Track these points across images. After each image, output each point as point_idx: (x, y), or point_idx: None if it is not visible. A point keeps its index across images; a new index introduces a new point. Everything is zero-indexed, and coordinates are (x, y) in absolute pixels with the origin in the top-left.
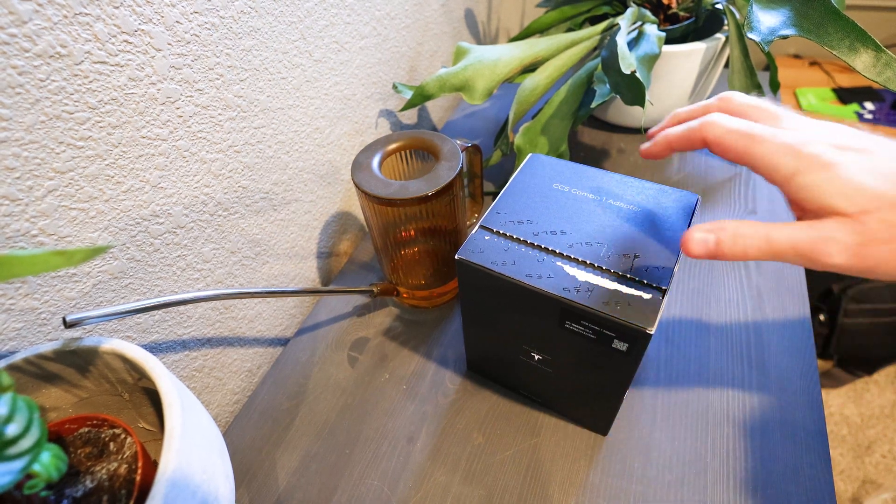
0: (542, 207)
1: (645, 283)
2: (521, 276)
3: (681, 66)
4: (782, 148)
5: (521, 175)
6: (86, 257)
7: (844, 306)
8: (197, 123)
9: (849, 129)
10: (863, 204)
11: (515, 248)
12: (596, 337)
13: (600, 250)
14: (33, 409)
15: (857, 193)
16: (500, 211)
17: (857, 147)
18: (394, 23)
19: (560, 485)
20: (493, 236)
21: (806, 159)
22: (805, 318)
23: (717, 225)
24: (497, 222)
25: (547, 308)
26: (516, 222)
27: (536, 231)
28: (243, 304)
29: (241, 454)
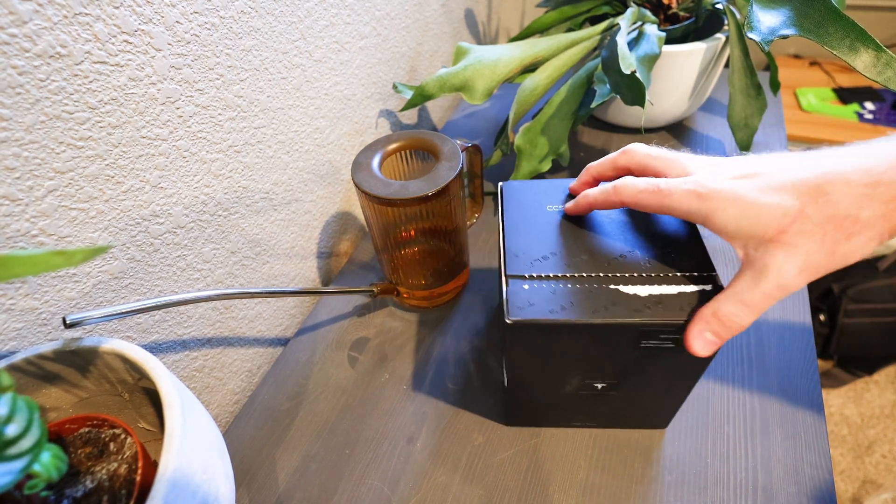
0: (553, 235)
1: (696, 276)
2: (589, 315)
3: (681, 66)
4: (688, 195)
5: (508, 208)
6: (86, 257)
7: (844, 306)
8: (197, 123)
9: (739, 159)
10: (776, 225)
11: (561, 287)
12: (675, 345)
13: (638, 259)
14: (33, 410)
15: (767, 217)
16: (517, 253)
17: (749, 173)
18: (394, 23)
19: (560, 485)
20: (531, 283)
21: (710, 200)
22: (805, 318)
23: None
24: (523, 267)
25: (623, 336)
26: (541, 259)
27: (567, 262)
28: (243, 304)
29: (241, 454)
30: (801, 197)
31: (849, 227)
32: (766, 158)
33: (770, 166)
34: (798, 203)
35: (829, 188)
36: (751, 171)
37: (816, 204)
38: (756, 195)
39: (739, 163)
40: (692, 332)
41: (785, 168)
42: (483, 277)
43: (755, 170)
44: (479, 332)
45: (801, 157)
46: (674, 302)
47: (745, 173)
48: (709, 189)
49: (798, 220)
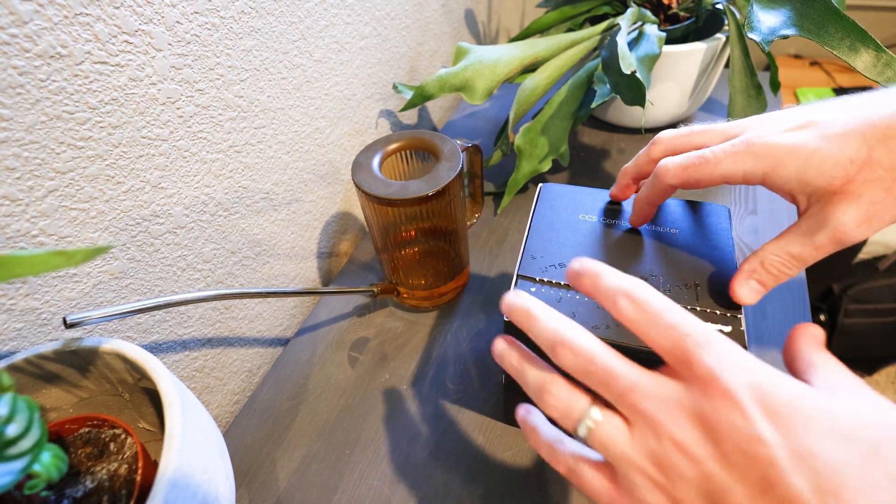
0: (578, 244)
1: (718, 314)
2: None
3: (681, 66)
4: (741, 156)
5: (541, 210)
6: (86, 257)
7: (844, 306)
8: (197, 123)
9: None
10: (843, 175)
11: (568, 296)
12: None
13: (659, 284)
14: (34, 410)
15: (832, 167)
16: (535, 255)
17: (804, 122)
18: (394, 23)
19: (560, 485)
20: (539, 286)
21: (766, 157)
22: (805, 318)
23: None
24: (537, 269)
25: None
26: (557, 266)
27: None
28: (243, 305)
29: (241, 454)
30: (867, 141)
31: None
32: (820, 106)
33: (827, 113)
34: (865, 148)
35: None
36: (806, 120)
37: (886, 148)
38: (818, 144)
39: (791, 114)
40: (738, 281)
41: (845, 113)
42: (483, 277)
43: (811, 118)
44: (480, 332)
45: (859, 101)
46: None
47: (801, 123)
48: (763, 144)
49: (866, 166)
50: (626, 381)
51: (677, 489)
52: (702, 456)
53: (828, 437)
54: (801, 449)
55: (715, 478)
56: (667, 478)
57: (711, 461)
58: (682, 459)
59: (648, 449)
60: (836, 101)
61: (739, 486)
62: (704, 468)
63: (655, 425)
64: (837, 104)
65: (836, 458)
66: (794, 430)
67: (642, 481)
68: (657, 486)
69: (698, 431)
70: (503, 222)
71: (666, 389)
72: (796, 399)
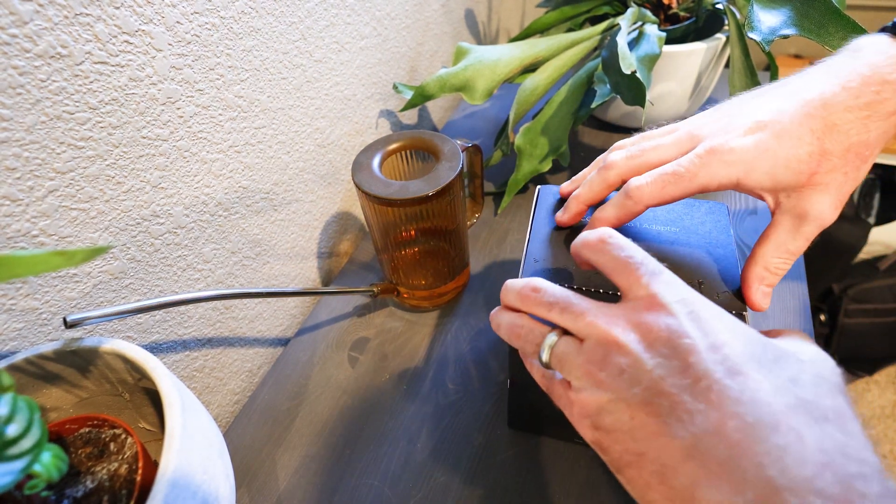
0: None
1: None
2: None
3: (681, 66)
4: (713, 167)
5: (540, 213)
6: (86, 257)
7: (845, 306)
8: (197, 124)
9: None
10: (808, 170)
11: None
12: None
13: None
14: (34, 410)
15: (797, 164)
16: (537, 258)
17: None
18: (394, 23)
19: (560, 485)
20: None
21: (737, 164)
22: (806, 318)
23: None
24: (539, 273)
25: None
26: (562, 269)
27: (586, 275)
28: (244, 305)
29: (241, 454)
30: (815, 133)
31: (863, 151)
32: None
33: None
34: (816, 141)
35: (837, 120)
36: (754, 121)
37: (832, 137)
38: (778, 146)
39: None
40: (753, 293)
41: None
42: (483, 277)
43: (757, 118)
44: (480, 333)
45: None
46: None
47: (752, 125)
48: (731, 151)
49: (823, 158)
50: (580, 307)
51: (616, 383)
52: (637, 350)
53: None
54: (716, 342)
55: (646, 365)
56: (608, 375)
57: (645, 354)
58: (621, 357)
59: (594, 355)
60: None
61: (666, 370)
62: (639, 361)
63: (601, 333)
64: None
65: (743, 352)
66: (713, 332)
67: (588, 384)
68: (601, 385)
69: (637, 334)
70: (503, 222)
71: (613, 309)
72: (719, 314)
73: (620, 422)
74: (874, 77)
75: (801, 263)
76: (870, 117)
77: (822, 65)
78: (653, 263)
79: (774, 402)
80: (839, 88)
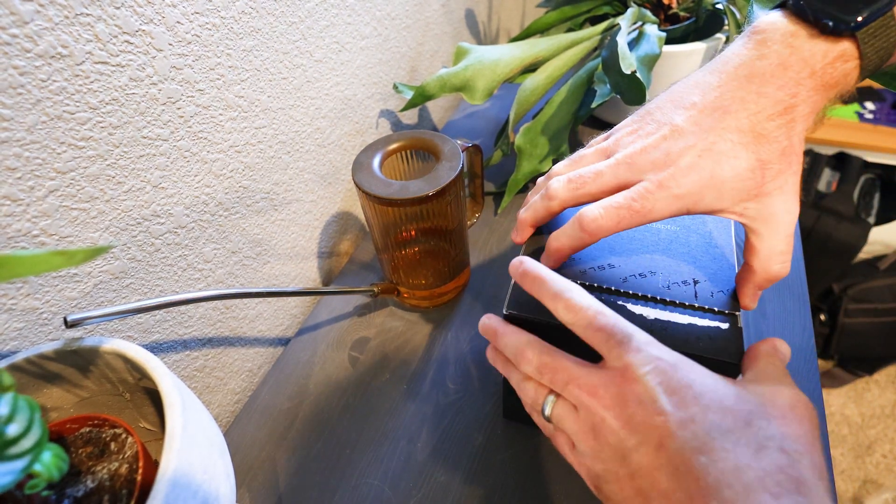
0: None
1: (717, 311)
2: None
3: (681, 66)
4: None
5: None
6: (87, 257)
7: (845, 306)
8: (198, 123)
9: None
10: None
11: None
12: None
13: (658, 281)
14: (34, 409)
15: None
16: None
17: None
18: (394, 23)
19: (561, 485)
20: None
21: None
22: (805, 317)
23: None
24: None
25: None
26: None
27: (583, 268)
28: (244, 304)
29: (242, 454)
30: (749, 149)
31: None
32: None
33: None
34: (752, 155)
35: (762, 130)
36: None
37: (764, 148)
38: (719, 169)
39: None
40: (748, 298)
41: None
42: (484, 277)
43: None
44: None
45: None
46: (678, 332)
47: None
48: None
49: (764, 168)
50: (565, 375)
51: (607, 455)
52: (618, 429)
53: (710, 409)
54: (686, 417)
55: (627, 445)
56: (601, 447)
57: (625, 433)
58: (608, 434)
59: (586, 425)
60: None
61: (644, 451)
62: (622, 441)
63: (588, 408)
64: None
65: (713, 424)
66: (683, 404)
67: (587, 450)
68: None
69: (617, 410)
70: (503, 222)
71: (594, 377)
72: (690, 380)
73: (614, 492)
74: (787, 78)
75: (801, 263)
76: (793, 121)
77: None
78: (623, 327)
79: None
80: (755, 95)
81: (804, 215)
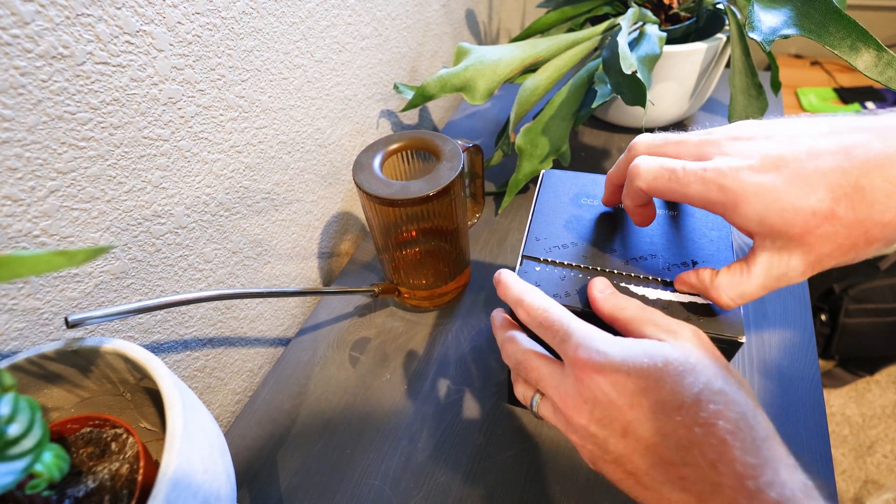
0: (580, 226)
1: None
2: (584, 305)
3: (682, 66)
4: (707, 185)
5: (544, 195)
6: (88, 257)
7: (846, 306)
8: (199, 124)
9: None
10: (802, 225)
11: (571, 275)
12: None
13: (658, 263)
14: (35, 409)
15: (793, 216)
16: (539, 237)
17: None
18: (395, 23)
19: (562, 485)
20: (543, 266)
21: (732, 192)
22: (806, 318)
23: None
24: (541, 250)
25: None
26: (561, 247)
27: (586, 253)
28: (245, 305)
29: (242, 454)
30: (833, 192)
31: (875, 231)
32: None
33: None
34: (830, 201)
35: (867, 184)
36: (777, 157)
37: (850, 202)
38: (784, 190)
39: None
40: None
41: (816, 153)
42: (484, 277)
43: (784, 154)
44: (481, 332)
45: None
46: (683, 310)
47: (773, 162)
48: (731, 179)
49: (826, 221)
50: (535, 375)
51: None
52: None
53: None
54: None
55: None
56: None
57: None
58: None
59: (563, 422)
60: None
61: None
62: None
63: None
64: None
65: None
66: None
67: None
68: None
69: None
70: (504, 222)
71: (558, 375)
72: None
73: (610, 474)
74: None
75: None
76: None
77: (880, 115)
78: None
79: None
80: (885, 148)
81: None
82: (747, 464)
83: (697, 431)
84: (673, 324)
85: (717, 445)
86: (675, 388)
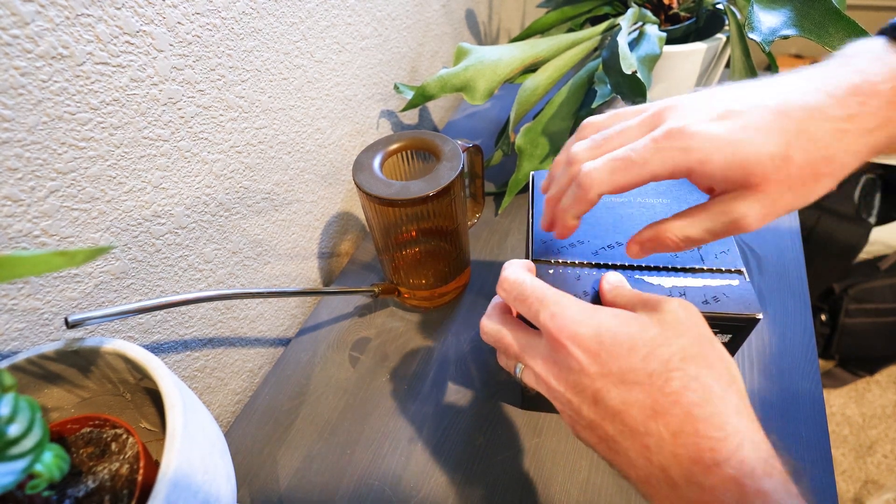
0: (582, 222)
1: (724, 270)
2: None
3: (682, 66)
4: (666, 153)
5: (539, 197)
6: (88, 258)
7: (846, 306)
8: (198, 124)
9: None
10: (762, 171)
11: (586, 273)
12: None
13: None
14: (35, 410)
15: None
16: (545, 239)
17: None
18: (395, 24)
19: (561, 485)
20: (556, 268)
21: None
22: (806, 318)
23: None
24: (550, 252)
25: None
26: (568, 247)
27: (594, 250)
28: (245, 305)
29: (242, 454)
30: (786, 135)
31: (823, 168)
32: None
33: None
34: (784, 144)
35: (811, 126)
36: (725, 109)
37: (801, 144)
38: (740, 137)
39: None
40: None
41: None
42: (484, 277)
43: (729, 107)
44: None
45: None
46: (700, 294)
47: (721, 113)
48: (691, 136)
49: (782, 164)
50: (513, 349)
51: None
52: (564, 392)
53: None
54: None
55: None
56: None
57: (570, 395)
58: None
59: (544, 389)
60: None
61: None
62: (570, 402)
63: (539, 376)
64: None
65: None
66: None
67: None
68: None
69: (559, 376)
70: (504, 222)
71: (537, 348)
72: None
73: (585, 439)
74: (863, 86)
75: (801, 263)
76: (847, 132)
77: (812, 68)
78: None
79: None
80: (823, 95)
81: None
82: (710, 437)
83: (662, 402)
84: (661, 299)
85: (681, 416)
86: (645, 358)
